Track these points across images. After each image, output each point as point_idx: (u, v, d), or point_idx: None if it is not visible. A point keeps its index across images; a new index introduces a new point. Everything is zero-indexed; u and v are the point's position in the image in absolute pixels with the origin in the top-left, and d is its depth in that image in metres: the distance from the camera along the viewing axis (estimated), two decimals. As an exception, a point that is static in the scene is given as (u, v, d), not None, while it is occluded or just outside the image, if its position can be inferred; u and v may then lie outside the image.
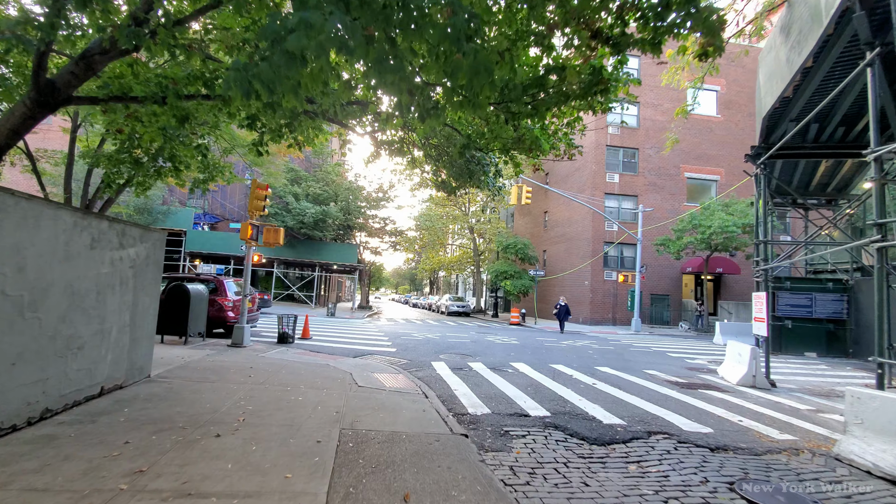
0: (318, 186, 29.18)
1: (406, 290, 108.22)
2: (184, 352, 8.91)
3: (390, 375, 8.19)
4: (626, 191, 27.15)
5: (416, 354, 11.13)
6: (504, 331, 19.85)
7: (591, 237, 26.18)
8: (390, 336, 14.83)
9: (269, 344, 11.37)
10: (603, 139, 27.12)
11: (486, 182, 8.27)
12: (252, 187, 10.43)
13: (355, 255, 30.61)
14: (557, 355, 11.96)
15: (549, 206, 32.08)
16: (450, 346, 12.97)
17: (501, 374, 8.88)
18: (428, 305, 47.92)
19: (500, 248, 29.53)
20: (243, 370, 7.36)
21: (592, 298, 25.66)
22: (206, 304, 10.58)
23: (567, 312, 20.14)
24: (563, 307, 19.93)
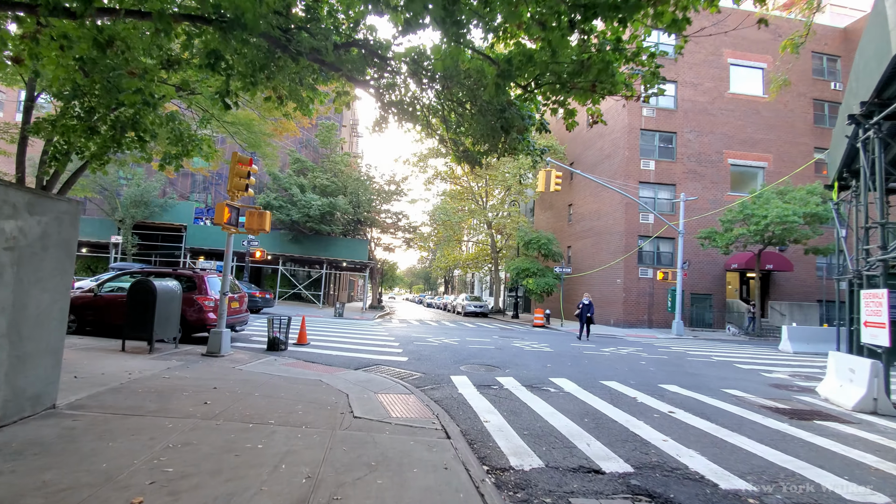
0: (325, 177, 27.53)
1: (420, 290, 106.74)
2: (141, 364, 7.17)
3: (399, 397, 6.32)
4: (663, 179, 24.84)
5: (432, 365, 9.24)
6: (529, 334, 17.85)
7: (623, 231, 23.95)
8: (402, 341, 12.99)
9: (257, 352, 9.61)
10: (636, 122, 24.86)
11: (526, 142, 6.32)
12: (232, 162, 8.68)
13: (366, 251, 28.91)
14: (604, 368, 9.94)
15: (574, 198, 29.90)
16: (471, 353, 11.06)
17: (543, 396, 6.92)
18: (443, 305, 46.10)
19: (522, 244, 27.49)
20: (202, 393, 5.56)
21: (626, 298, 23.45)
22: (178, 304, 8.87)
23: (589, 312, 16.02)
24: (587, 306, 16.06)
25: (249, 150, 13.89)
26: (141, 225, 26.10)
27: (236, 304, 10.86)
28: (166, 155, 9.23)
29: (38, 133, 7.73)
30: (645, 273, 23.91)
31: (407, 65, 6.79)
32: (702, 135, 25.72)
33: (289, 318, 10.21)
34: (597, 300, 25.10)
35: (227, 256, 8.91)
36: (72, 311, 10.22)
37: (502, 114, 5.91)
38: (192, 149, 9.02)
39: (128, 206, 24.58)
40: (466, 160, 8.05)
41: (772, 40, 28.11)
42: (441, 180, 38.12)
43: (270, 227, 29.85)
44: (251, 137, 13.52)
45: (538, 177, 17.97)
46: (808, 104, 27.63)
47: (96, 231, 26.22)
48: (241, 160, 8.69)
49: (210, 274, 10.70)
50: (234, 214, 8.40)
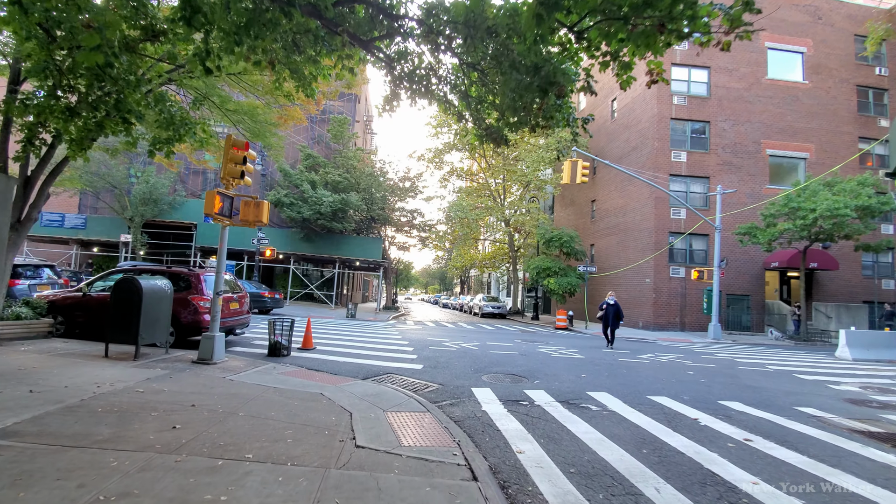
0: (337, 173, 26.75)
1: (435, 290, 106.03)
2: (119, 373, 6.33)
3: (412, 417, 5.33)
4: (696, 171, 23.36)
5: (450, 374, 8.23)
6: (553, 338, 16.70)
7: (652, 227, 22.56)
8: (416, 346, 12.01)
9: (256, 358, 8.73)
10: (666, 111, 23.44)
11: (566, 108, 5.26)
12: (226, 146, 7.81)
13: (379, 249, 28.05)
14: (648, 379, 8.78)
15: (598, 193, 28.55)
16: (493, 360, 10.00)
17: (584, 415, 5.84)
18: (459, 306, 45.07)
19: (542, 242, 26.28)
20: (174, 413, 4.65)
21: (656, 299, 22.06)
22: (168, 304, 8.04)
23: (618, 315, 13.32)
24: (612, 307, 13.28)
25: (254, 140, 13.08)
26: (151, 223, 25.71)
27: (236, 305, 10.02)
28: (155, 140, 8.43)
29: (7, 112, 6.96)
30: (676, 272, 22.48)
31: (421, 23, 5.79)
32: (737, 124, 24.16)
33: (292, 321, 9.32)
34: (624, 301, 23.75)
35: (221, 252, 8.04)
36: (60, 312, 9.52)
37: (538, 71, 4.83)
38: (185, 133, 8.20)
39: (137, 203, 24.18)
40: (490, 139, 7.02)
41: (811, 23, 26.37)
42: (457, 177, 37.12)
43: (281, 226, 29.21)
44: (255, 127, 12.69)
45: (563, 168, 16.78)
46: (851, 91, 25.80)
47: (106, 230, 25.94)
48: (236, 144, 7.82)
49: (208, 272, 9.88)
50: (226, 204, 7.51)
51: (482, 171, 34.59)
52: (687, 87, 24.15)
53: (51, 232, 25.55)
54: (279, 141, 13.17)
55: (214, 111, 12.25)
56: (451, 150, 31.82)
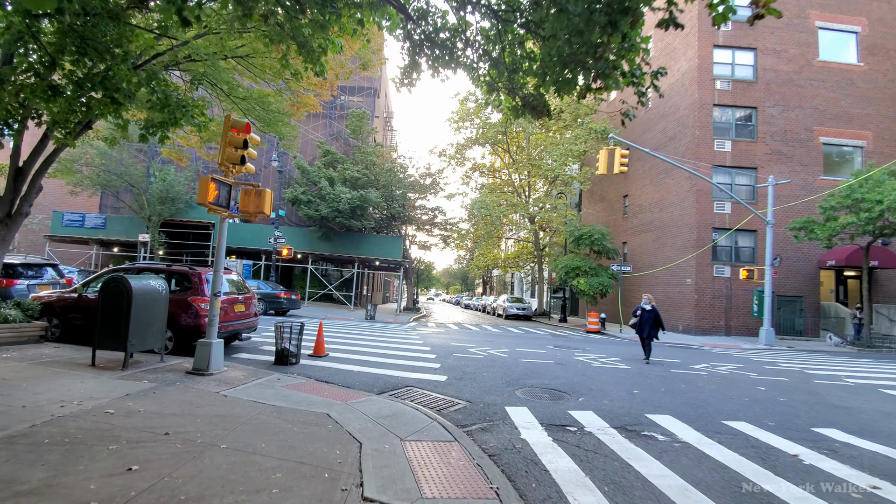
0: (355, 169, 25.99)
1: (457, 291, 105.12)
2: (95, 387, 5.51)
3: (436, 449, 4.31)
4: (742, 162, 21.64)
5: (479, 388, 7.18)
6: (588, 343, 15.44)
7: (694, 223, 20.97)
8: (439, 352, 10.99)
9: (260, 366, 7.87)
10: (708, 96, 21.80)
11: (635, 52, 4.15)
12: (224, 127, 6.96)
13: (400, 248, 27.18)
14: (714, 396, 7.53)
15: (631, 188, 27.00)
16: (527, 371, 8.90)
17: (651, 449, 4.70)
18: (482, 307, 43.91)
19: (571, 240, 24.92)
20: (139, 446, 3.74)
21: (698, 301, 20.46)
22: (163, 307, 7.24)
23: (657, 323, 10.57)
24: (648, 314, 10.59)
25: (265, 130, 12.31)
26: (169, 223, 25.50)
27: (241, 307, 9.20)
28: (148, 123, 7.62)
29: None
30: (721, 271, 20.83)
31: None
32: (787, 109, 22.32)
33: (301, 325, 8.42)
34: (662, 303, 22.23)
35: (220, 248, 7.18)
36: (54, 314, 8.87)
37: (589, 16, 3.70)
38: (182, 116, 7.35)
39: (154, 202, 23.95)
40: (529, 109, 5.94)
41: (865, 0, 24.25)
42: (479, 174, 36.00)
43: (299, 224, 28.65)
44: (266, 116, 11.89)
45: (598, 157, 15.45)
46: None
47: (126, 230, 25.86)
48: (236, 125, 6.95)
49: (211, 272, 9.09)
50: (223, 192, 6.64)
51: (505, 167, 33.37)
52: (731, 70, 22.44)
53: (71, 232, 25.61)
54: (292, 131, 12.36)
55: (223, 100, 11.51)
56: (474, 144, 30.74)
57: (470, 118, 29.74)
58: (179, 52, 8.71)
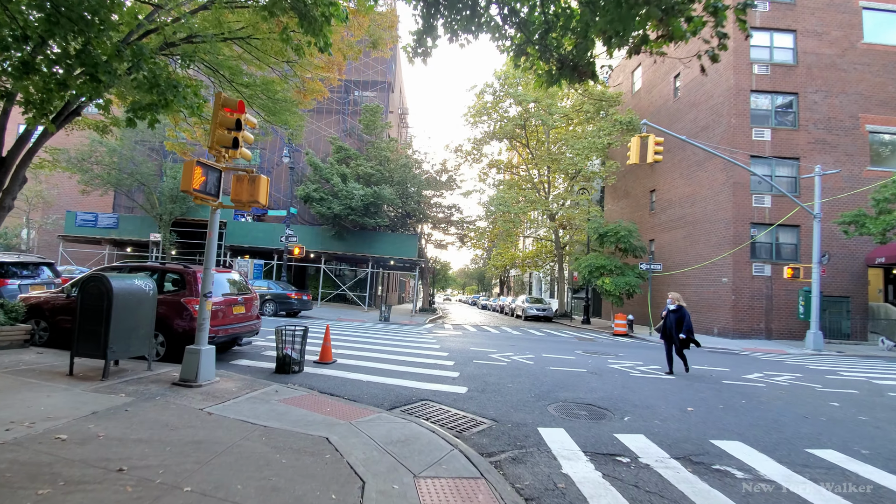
0: (369, 165, 25.25)
1: (473, 291, 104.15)
2: (63, 402, 4.78)
3: (457, 490, 3.43)
4: (782, 152, 20.20)
5: (505, 403, 6.26)
6: (619, 347, 14.36)
7: (730, 218, 19.62)
8: (457, 358, 10.09)
9: (259, 375, 7.09)
10: (745, 81, 20.42)
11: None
12: (214, 106, 6.19)
13: (415, 247, 26.36)
14: (784, 414, 6.47)
15: (658, 182, 25.67)
16: (558, 382, 7.93)
17: (730, 491, 3.73)
18: (500, 308, 42.86)
19: (595, 237, 23.74)
20: (77, 489, 2.94)
21: (736, 302, 19.12)
22: (149, 309, 6.51)
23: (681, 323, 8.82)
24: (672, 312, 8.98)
25: (271, 120, 11.59)
26: (181, 222, 25.18)
27: (241, 309, 8.45)
28: (135, 105, 6.90)
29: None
30: (760, 270, 19.44)
31: None
32: (830, 95, 20.78)
33: (304, 329, 7.62)
34: (694, 304, 20.94)
35: (210, 243, 6.41)
36: (43, 316, 8.26)
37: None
38: (173, 98, 6.61)
39: (166, 201, 23.62)
40: (569, 72, 5.01)
41: (915, -23, 22.50)
42: (496, 170, 35.00)
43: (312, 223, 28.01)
44: (271, 105, 11.17)
45: (630, 145, 14.32)
46: None
47: (138, 229, 25.64)
48: (227, 103, 6.18)
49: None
50: (211, 179, 5.87)
51: (524, 163, 32.29)
52: (769, 53, 21.01)
53: (84, 232, 25.49)
54: (299, 120, 11.62)
55: (226, 87, 10.83)
56: (491, 139, 29.74)
57: (487, 112, 28.76)
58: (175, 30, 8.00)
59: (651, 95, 26.97)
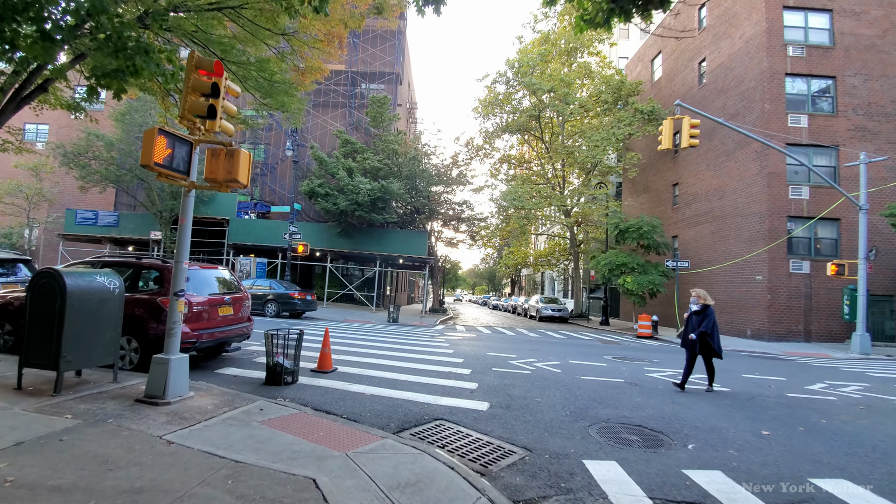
0: (376, 159, 24.26)
1: (483, 291, 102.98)
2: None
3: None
4: (820, 139, 18.82)
5: (537, 426, 5.19)
6: (649, 351, 13.20)
7: (765, 211, 18.30)
8: (473, 364, 9.04)
9: (245, 387, 6.11)
10: (779, 64, 19.08)
11: None
12: (187, 69, 5.18)
13: (425, 244, 25.34)
14: (882, 440, 5.31)
15: (682, 175, 24.36)
16: (594, 395, 6.84)
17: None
18: (512, 308, 41.68)
19: (615, 233, 22.49)
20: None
21: (772, 302, 17.80)
22: (114, 310, 5.56)
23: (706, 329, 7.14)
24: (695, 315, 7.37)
25: (266, 103, 10.61)
26: (182, 219, 24.38)
27: (228, 311, 7.47)
28: (97, 70, 5.96)
29: None
30: (798, 267, 18.09)
31: None
32: (870, 79, 19.36)
33: (299, 334, 6.62)
34: (725, 305, 19.66)
35: (183, 230, 5.44)
36: (7, 318, 7.36)
37: None
38: (143, 64, 5.66)
39: (166, 197, 22.86)
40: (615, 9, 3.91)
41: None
42: (508, 166, 33.85)
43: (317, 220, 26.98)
44: (267, 85, 10.20)
45: (662, 129, 13.11)
46: None
47: (139, 227, 24.94)
48: (202, 65, 5.17)
49: (192, 266, 7.40)
50: (179, 152, 4.87)
51: (537, 158, 31.08)
52: (804, 34, 19.64)
53: (84, 230, 24.87)
54: (297, 103, 10.62)
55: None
56: (504, 132, 28.58)
57: (500, 103, 27.61)
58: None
59: (673, 84, 25.65)
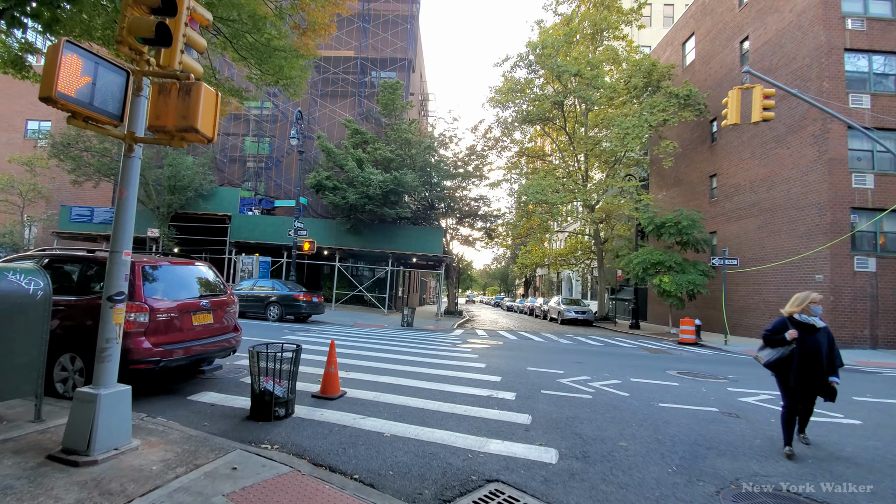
0: (388, 149, 22.64)
1: (495, 292, 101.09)
2: None
3: None
4: (886, 122, 16.82)
5: (636, 492, 3.53)
6: (714, 364, 11.42)
7: (825, 202, 16.35)
8: (515, 384, 7.35)
9: (221, 422, 4.51)
10: (838, 39, 17.11)
11: None
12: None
13: (440, 242, 23.69)
14: None
15: (721, 165, 22.42)
16: (693, 435, 5.12)
17: None
18: (529, 310, 39.82)
19: (650, 229, 20.62)
20: None
21: (835, 304, 15.84)
22: (38, 323, 4.01)
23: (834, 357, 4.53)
24: (822, 337, 4.51)
25: (262, 69, 9.03)
26: (181, 215, 23.02)
27: (207, 319, 5.86)
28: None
29: None
30: (864, 265, 16.11)
31: None
32: (942, 53, 17.30)
33: (295, 350, 4.99)
34: (775, 308, 17.71)
35: (123, 207, 3.87)
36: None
37: None
38: None
39: (164, 192, 21.49)
40: None
41: None
42: (527, 159, 32.07)
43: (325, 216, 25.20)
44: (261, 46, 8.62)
45: (729, 101, 11.25)
46: None
47: (136, 225, 23.33)
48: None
49: (157, 263, 5.83)
50: (104, 84, 3.22)
51: (557, 151, 29.26)
52: (863, 6, 17.65)
53: (80, 228, 23.60)
54: (298, 70, 9.01)
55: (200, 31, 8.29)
56: (523, 122, 26.80)
57: (521, 90, 25.84)
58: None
59: (709, 67, 23.70)
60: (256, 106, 28.45)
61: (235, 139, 28.00)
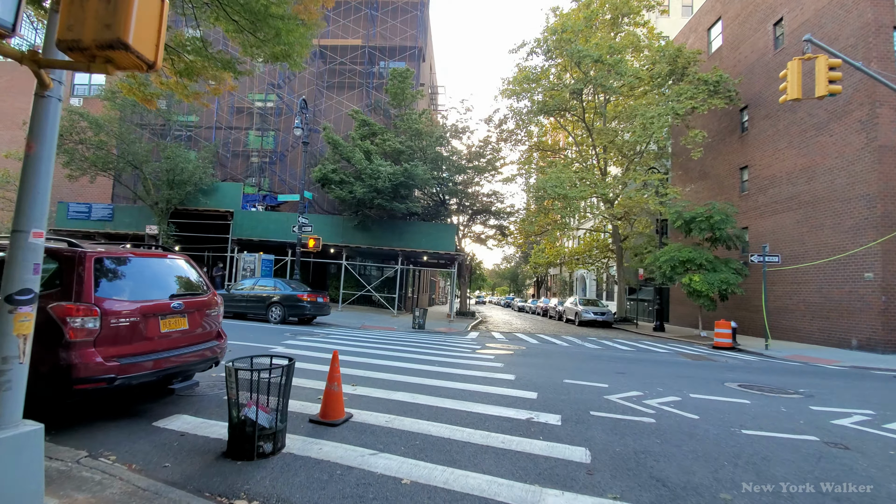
0: (397, 140, 21.52)
1: (504, 292, 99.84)
2: None
3: None
4: (943, 105, 15.41)
5: None
6: (767, 373, 10.15)
7: (875, 193, 14.98)
8: (554, 401, 6.20)
9: (188, 462, 3.39)
10: (887, 16, 15.74)
11: None
12: None
13: (452, 239, 22.55)
14: None
15: (752, 156, 21.04)
16: (810, 478, 3.93)
17: None
18: (542, 310, 38.56)
19: (678, 224, 19.31)
20: None
21: (888, 305, 14.47)
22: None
23: None
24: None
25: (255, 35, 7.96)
26: (181, 212, 22.10)
27: (180, 324, 4.76)
28: None
29: None
30: (921, 262, 14.73)
31: None
32: None
33: (287, 365, 3.87)
34: (818, 309, 16.47)
35: (34, 168, 2.72)
36: None
37: None
38: None
39: (162, 187, 20.58)
40: None
41: None
42: (541, 154, 30.84)
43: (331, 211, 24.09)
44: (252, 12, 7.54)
45: (787, 73, 9.95)
46: None
47: (135, 221, 22.73)
48: None
49: (112, 253, 4.76)
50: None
51: (577, 143, 28.04)
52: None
53: (77, 225, 22.77)
54: (298, 36, 7.91)
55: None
56: (540, 112, 25.58)
57: (536, 79, 24.63)
58: None
59: (738, 53, 22.32)
60: (261, 99, 27.53)
61: (238, 133, 27.06)
